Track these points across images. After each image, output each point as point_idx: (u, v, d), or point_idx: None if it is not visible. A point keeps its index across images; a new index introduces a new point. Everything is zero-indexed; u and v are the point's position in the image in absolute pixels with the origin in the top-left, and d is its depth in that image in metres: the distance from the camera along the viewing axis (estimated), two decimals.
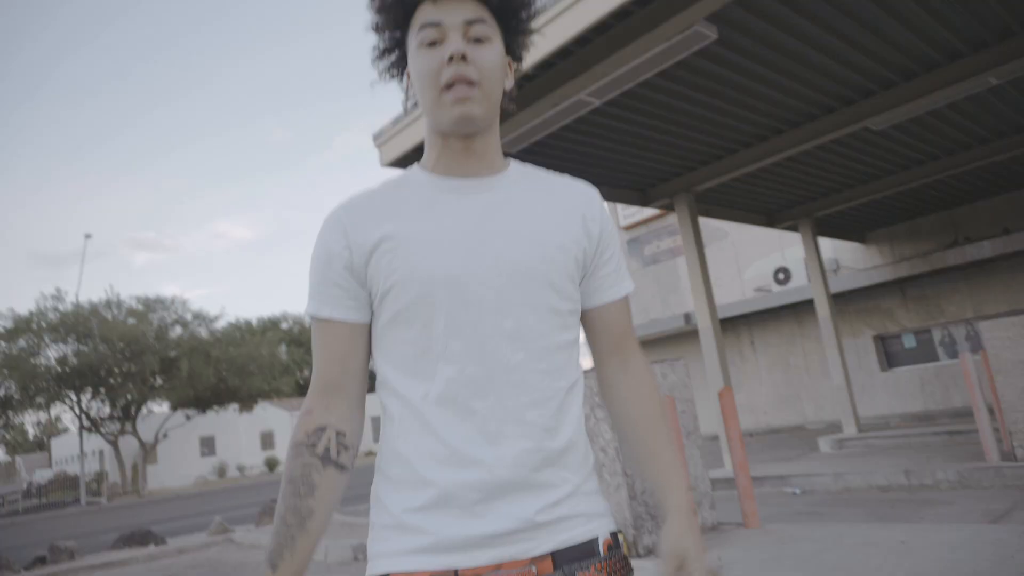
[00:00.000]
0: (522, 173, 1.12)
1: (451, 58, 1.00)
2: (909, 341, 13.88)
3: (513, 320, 1.00)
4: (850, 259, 14.09)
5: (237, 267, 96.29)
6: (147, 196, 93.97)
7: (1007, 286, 12.49)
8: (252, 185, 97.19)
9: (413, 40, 1.05)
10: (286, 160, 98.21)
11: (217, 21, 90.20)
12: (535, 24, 1.14)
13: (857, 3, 5.07)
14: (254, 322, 54.33)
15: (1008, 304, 12.44)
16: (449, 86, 1.01)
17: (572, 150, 7.02)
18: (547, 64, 5.25)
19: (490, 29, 1.05)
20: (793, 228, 11.15)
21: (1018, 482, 6.04)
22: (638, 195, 8.67)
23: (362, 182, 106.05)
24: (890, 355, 14.17)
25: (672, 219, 16.29)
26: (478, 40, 1.03)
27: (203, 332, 32.54)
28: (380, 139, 6.28)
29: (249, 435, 42.38)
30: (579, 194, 1.12)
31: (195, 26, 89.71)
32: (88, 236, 28.88)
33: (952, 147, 8.63)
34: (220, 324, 34.13)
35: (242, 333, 37.33)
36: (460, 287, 0.99)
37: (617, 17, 4.73)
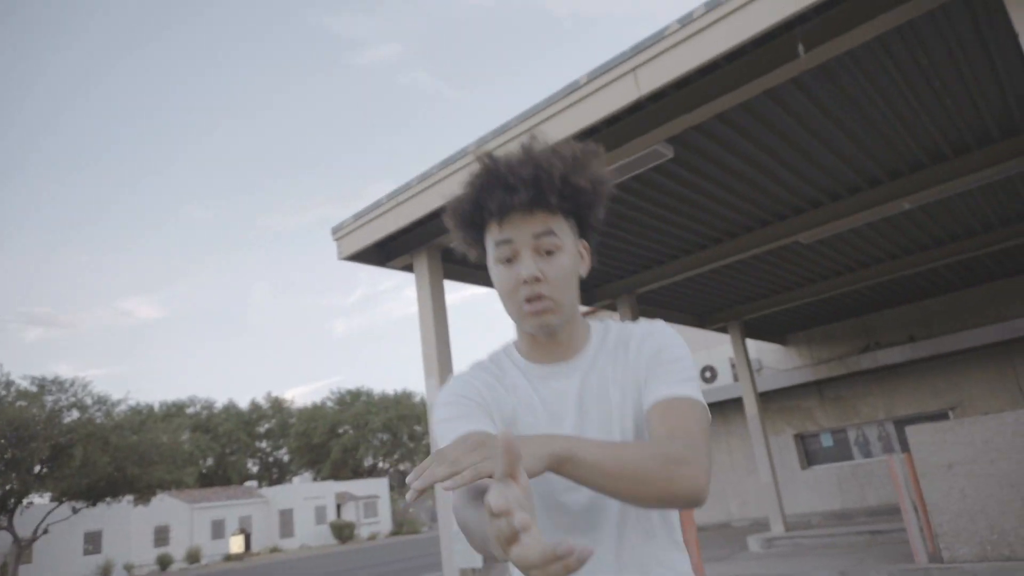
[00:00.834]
0: (600, 340, 1.22)
1: (526, 281, 1.11)
2: (827, 440, 14.45)
3: None
4: (772, 360, 14.74)
5: (142, 347, 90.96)
6: (43, 269, 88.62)
7: (915, 389, 13.32)
8: (164, 263, 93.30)
9: (491, 251, 1.16)
10: (203, 239, 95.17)
11: (137, 97, 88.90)
12: (602, 198, 1.19)
13: (793, 131, 5.57)
14: (156, 406, 51.25)
15: (916, 407, 13.24)
16: (527, 301, 1.12)
17: None
18: None
19: (558, 236, 1.13)
20: (723, 330, 11.66)
21: None
22: (583, 295, 8.86)
23: (285, 263, 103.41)
24: (809, 453, 14.68)
25: (601, 316, 16.70)
26: (548, 252, 1.12)
27: (100, 416, 30.26)
28: (339, 232, 6.23)
29: (141, 530, 38.99)
30: (638, 339, 1.20)
31: (113, 101, 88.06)
32: None
33: (867, 260, 9.36)
34: (120, 408, 31.92)
35: (143, 418, 35.00)
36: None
37: (585, 135, 5.01)
